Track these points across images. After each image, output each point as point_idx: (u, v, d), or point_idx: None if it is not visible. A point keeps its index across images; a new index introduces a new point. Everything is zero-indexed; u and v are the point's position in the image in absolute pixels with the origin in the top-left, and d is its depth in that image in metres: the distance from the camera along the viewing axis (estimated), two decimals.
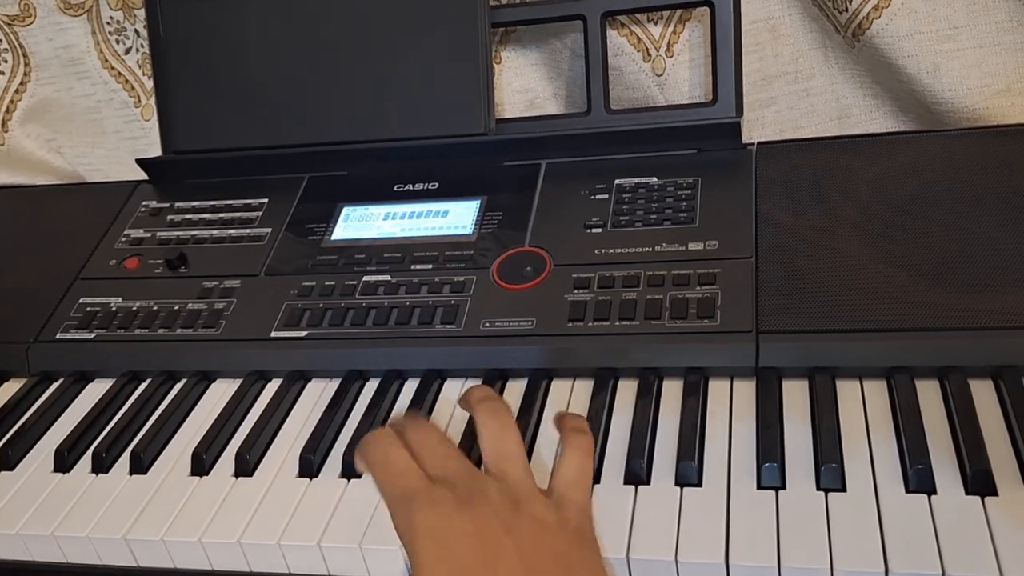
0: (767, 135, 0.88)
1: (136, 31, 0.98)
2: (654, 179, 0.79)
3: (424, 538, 0.50)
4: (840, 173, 0.75)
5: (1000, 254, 0.66)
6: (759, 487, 0.56)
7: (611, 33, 0.86)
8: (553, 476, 0.55)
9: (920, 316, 0.63)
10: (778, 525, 0.53)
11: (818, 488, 0.56)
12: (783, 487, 0.56)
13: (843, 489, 0.55)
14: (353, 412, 0.70)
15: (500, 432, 0.56)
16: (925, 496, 0.54)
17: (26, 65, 1.03)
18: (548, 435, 0.63)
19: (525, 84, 0.92)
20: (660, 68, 0.87)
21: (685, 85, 0.87)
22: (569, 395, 0.67)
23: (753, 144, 0.80)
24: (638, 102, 0.89)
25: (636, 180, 0.79)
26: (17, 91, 1.04)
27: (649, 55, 0.87)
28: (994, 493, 0.53)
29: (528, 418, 0.65)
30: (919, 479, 0.54)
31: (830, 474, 0.55)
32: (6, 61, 1.03)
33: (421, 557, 0.50)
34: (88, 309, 0.82)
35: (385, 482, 0.54)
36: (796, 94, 0.88)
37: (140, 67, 1.00)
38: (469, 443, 0.62)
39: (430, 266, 0.77)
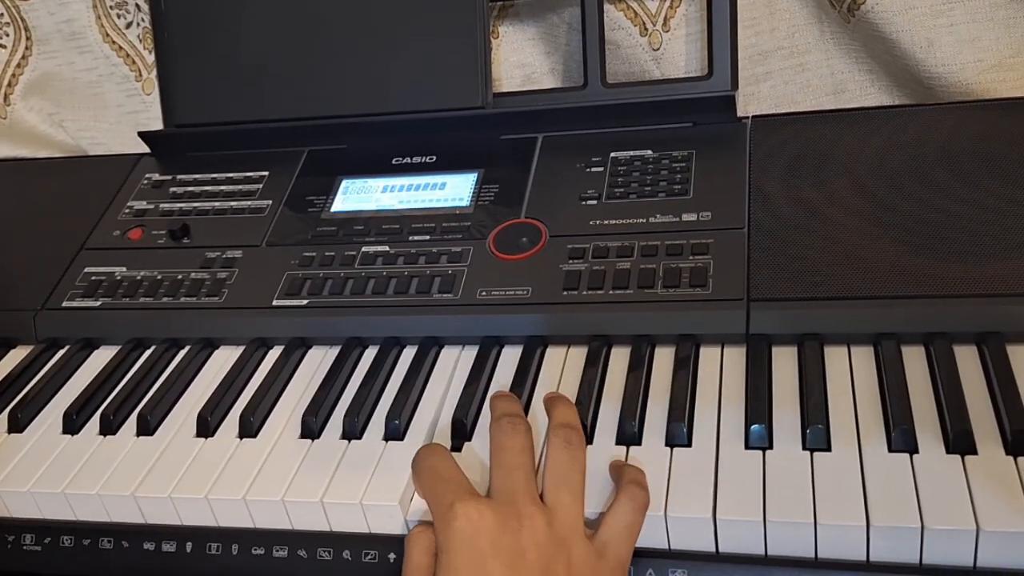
0: (762, 109, 0.89)
1: (137, 5, 0.99)
2: (649, 152, 0.80)
3: (462, 545, 0.51)
4: (833, 146, 0.76)
5: (987, 225, 0.67)
6: (747, 447, 0.58)
7: (608, 7, 0.87)
8: (604, 521, 0.54)
9: (907, 284, 0.65)
10: (764, 483, 0.55)
11: (804, 448, 0.57)
12: (770, 447, 0.58)
13: (828, 449, 0.57)
14: (353, 378, 0.71)
15: (568, 462, 0.56)
16: (907, 455, 0.55)
17: (28, 39, 1.04)
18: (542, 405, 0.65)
19: (522, 58, 0.93)
20: (657, 42, 0.88)
21: (681, 59, 0.88)
22: (563, 362, 0.69)
23: (748, 118, 0.81)
24: (634, 76, 0.90)
25: (631, 153, 0.81)
26: (19, 65, 1.05)
27: (646, 29, 0.88)
28: (974, 452, 0.55)
29: (523, 384, 0.66)
30: (902, 439, 0.56)
31: (816, 435, 0.57)
32: (8, 35, 1.04)
33: (456, 563, 0.50)
34: (93, 278, 0.83)
35: (429, 487, 0.55)
36: (791, 69, 0.89)
37: (141, 41, 1.01)
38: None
39: (428, 237, 0.78)
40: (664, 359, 0.67)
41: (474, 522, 0.51)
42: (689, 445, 0.59)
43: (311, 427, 0.66)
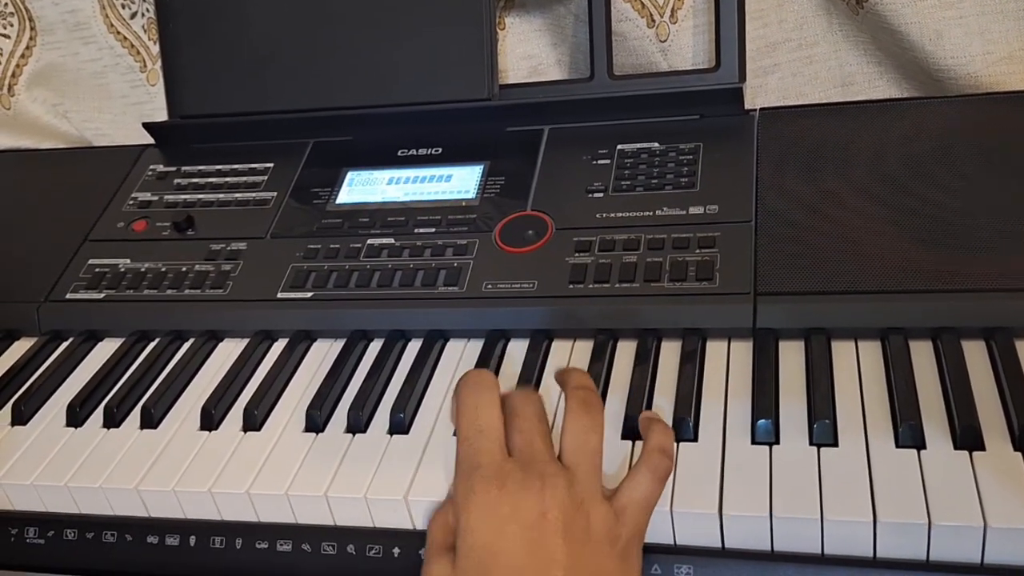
0: (770, 102, 0.89)
1: None
2: (656, 144, 0.80)
3: (481, 509, 0.51)
4: (842, 139, 0.75)
5: (995, 219, 0.67)
6: (753, 442, 0.58)
7: None
8: (622, 487, 0.54)
9: (915, 279, 0.64)
10: (771, 478, 0.55)
11: (811, 443, 0.57)
12: (776, 442, 0.58)
13: (835, 444, 0.57)
14: (357, 371, 0.71)
15: (587, 425, 0.55)
16: (914, 451, 0.55)
17: (32, 29, 1.04)
18: (548, 395, 0.64)
19: (529, 50, 0.92)
20: (664, 34, 0.88)
21: (689, 51, 0.88)
22: (569, 356, 0.69)
23: (755, 110, 0.80)
24: (641, 68, 0.90)
25: (638, 145, 0.80)
26: (23, 55, 1.05)
27: (653, 21, 0.88)
28: (982, 448, 0.55)
29: (528, 378, 0.66)
30: (909, 434, 0.56)
31: (822, 430, 0.57)
32: (12, 25, 1.04)
33: (474, 525, 0.50)
34: (97, 270, 0.83)
35: (464, 432, 0.55)
36: (799, 61, 0.88)
37: (146, 32, 1.01)
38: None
39: (433, 229, 0.78)
40: (670, 353, 0.66)
41: (493, 488, 0.51)
42: (695, 440, 0.59)
43: (315, 421, 0.66)
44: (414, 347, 0.72)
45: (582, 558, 0.50)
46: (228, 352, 0.75)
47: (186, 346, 0.77)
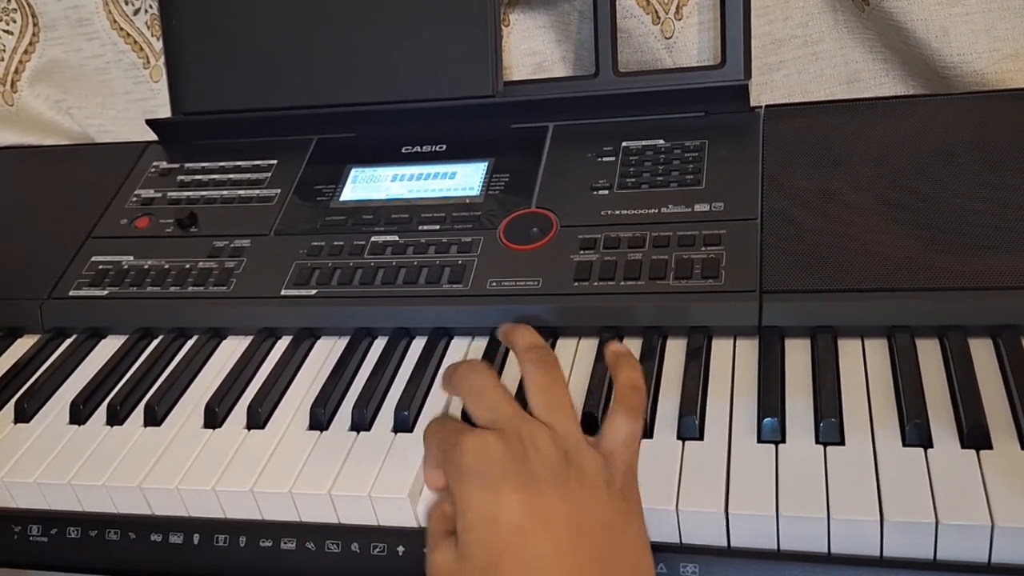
0: (775, 99, 0.88)
1: None
2: (661, 141, 0.79)
3: (473, 482, 0.50)
4: (847, 137, 0.75)
5: (1002, 216, 0.66)
6: (759, 441, 0.58)
7: None
8: (603, 434, 0.53)
9: (922, 276, 0.64)
10: (777, 477, 0.55)
11: (817, 442, 0.57)
12: (783, 441, 0.57)
13: (841, 443, 0.56)
14: (362, 369, 0.71)
15: (549, 381, 0.54)
16: (921, 449, 0.55)
17: (35, 25, 1.04)
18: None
19: (533, 47, 0.92)
20: (669, 31, 0.87)
21: (694, 48, 0.87)
22: (574, 354, 0.68)
23: (761, 107, 0.80)
24: (646, 65, 0.89)
25: (643, 142, 0.80)
26: (26, 51, 1.04)
27: (658, 18, 0.87)
28: (989, 447, 0.54)
29: None
30: (916, 433, 0.55)
31: (829, 428, 0.57)
32: (15, 21, 1.03)
33: (468, 504, 0.49)
34: (100, 267, 0.83)
35: (428, 428, 0.54)
36: (805, 58, 0.88)
37: (149, 28, 1.00)
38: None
39: (438, 227, 0.78)
40: (676, 351, 0.66)
41: (480, 459, 0.50)
42: (701, 438, 0.59)
43: (319, 418, 0.66)
44: (418, 345, 0.72)
45: (581, 507, 0.49)
46: (232, 350, 0.75)
47: (189, 343, 0.77)
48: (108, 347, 0.78)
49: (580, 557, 0.48)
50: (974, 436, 0.55)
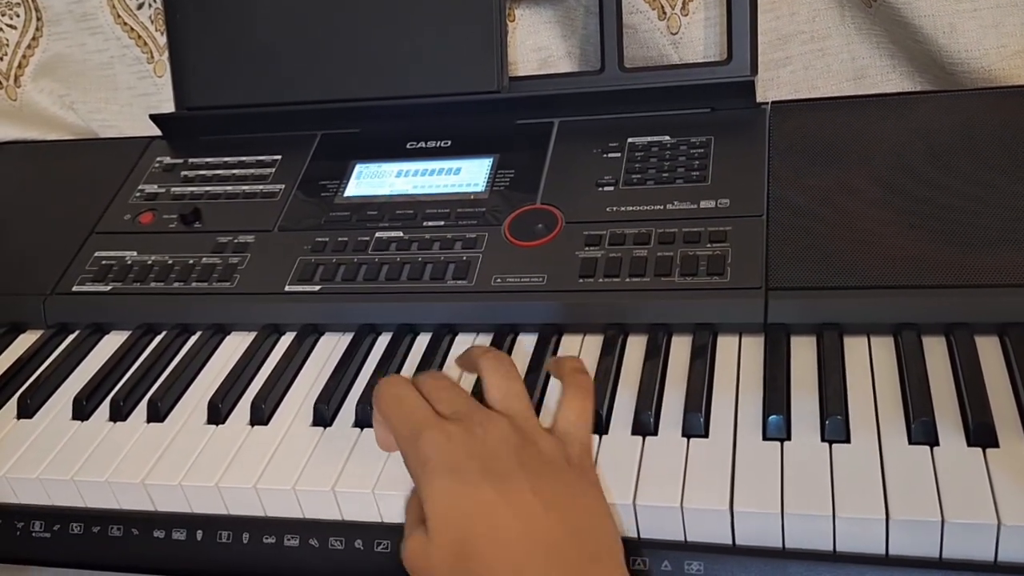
0: (782, 95, 0.88)
1: None
2: (667, 138, 0.79)
3: (436, 471, 0.51)
4: (854, 133, 0.75)
5: (1010, 213, 0.66)
6: (765, 438, 0.57)
7: None
8: (556, 416, 0.57)
9: (928, 274, 0.64)
10: (782, 474, 0.54)
11: (822, 440, 0.56)
12: (788, 438, 0.57)
13: (847, 440, 0.56)
14: (366, 365, 0.71)
15: (504, 374, 0.58)
16: (927, 447, 0.54)
17: (38, 20, 1.03)
18: (557, 389, 0.64)
19: (539, 42, 0.91)
20: (675, 26, 0.87)
21: (700, 44, 0.87)
22: (579, 350, 0.68)
23: (767, 103, 0.80)
24: (652, 61, 0.89)
25: (649, 139, 0.79)
26: (29, 46, 1.04)
27: (664, 13, 0.87)
28: (995, 445, 0.54)
29: (538, 372, 0.66)
30: (922, 431, 0.55)
31: (834, 426, 0.56)
32: (18, 16, 1.03)
33: (433, 489, 0.51)
34: (104, 262, 0.83)
35: (396, 420, 0.55)
36: (812, 54, 0.87)
37: (153, 23, 1.00)
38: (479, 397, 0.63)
39: (442, 223, 0.77)
40: (681, 348, 0.66)
41: (442, 445, 0.52)
42: (706, 436, 0.58)
43: (323, 415, 0.65)
44: (423, 341, 0.72)
45: (544, 482, 0.51)
46: (235, 345, 0.75)
47: (193, 339, 0.77)
48: (111, 343, 0.78)
49: (547, 530, 0.50)
50: (980, 434, 0.54)
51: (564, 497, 0.51)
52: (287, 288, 0.76)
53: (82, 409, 0.70)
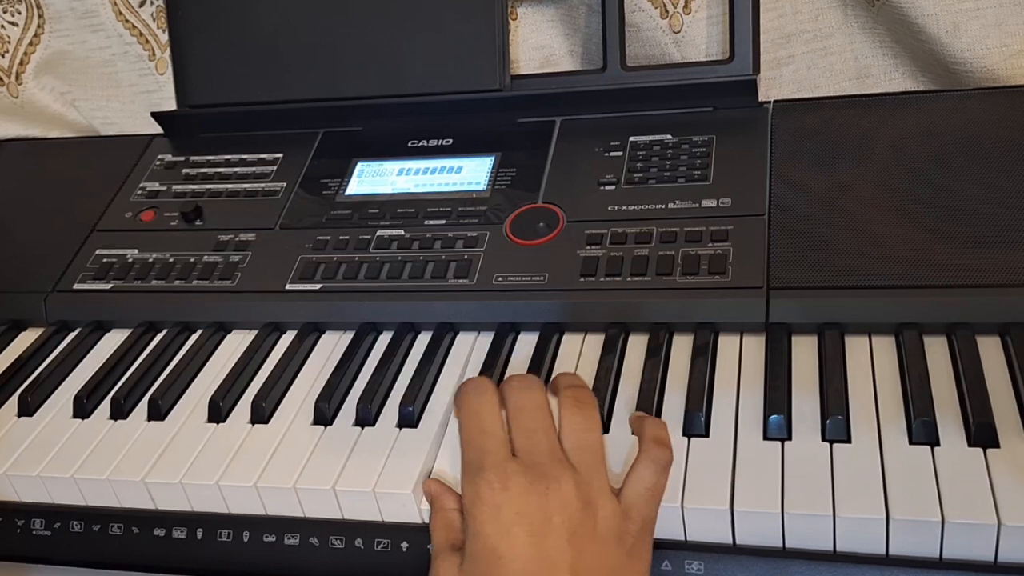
0: (784, 94, 0.88)
1: None
2: (669, 136, 0.79)
3: (487, 513, 0.50)
4: (856, 132, 0.75)
5: (1012, 213, 0.66)
6: (765, 438, 0.57)
7: None
8: (626, 483, 0.54)
9: (930, 273, 0.64)
10: (783, 474, 0.54)
11: (823, 439, 0.56)
12: (789, 438, 0.57)
13: (848, 440, 0.56)
14: (366, 363, 0.71)
15: (583, 422, 0.55)
16: (928, 447, 0.54)
17: (40, 17, 1.03)
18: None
19: (541, 40, 0.91)
20: (677, 25, 0.87)
21: (702, 42, 0.87)
22: (580, 349, 0.68)
23: (769, 102, 0.80)
24: (654, 59, 0.89)
25: (651, 137, 0.79)
26: (31, 43, 1.04)
27: (666, 12, 0.87)
28: (996, 445, 0.54)
29: (539, 371, 0.65)
30: (923, 431, 0.55)
31: (835, 426, 0.56)
32: (20, 12, 1.03)
33: (480, 529, 0.50)
34: (105, 260, 0.83)
35: (467, 438, 0.54)
36: (814, 53, 0.87)
37: (155, 20, 1.00)
38: None
39: (444, 221, 0.77)
40: (682, 347, 0.66)
41: (498, 492, 0.51)
42: (707, 435, 0.58)
43: (324, 413, 0.65)
44: (424, 340, 0.72)
45: (589, 559, 0.50)
46: (236, 344, 0.75)
47: (194, 337, 0.77)
48: (112, 341, 0.78)
49: None
50: (981, 434, 0.54)
51: None
52: (288, 286, 0.76)
53: (83, 407, 0.70)
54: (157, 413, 0.69)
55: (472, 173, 0.81)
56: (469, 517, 0.51)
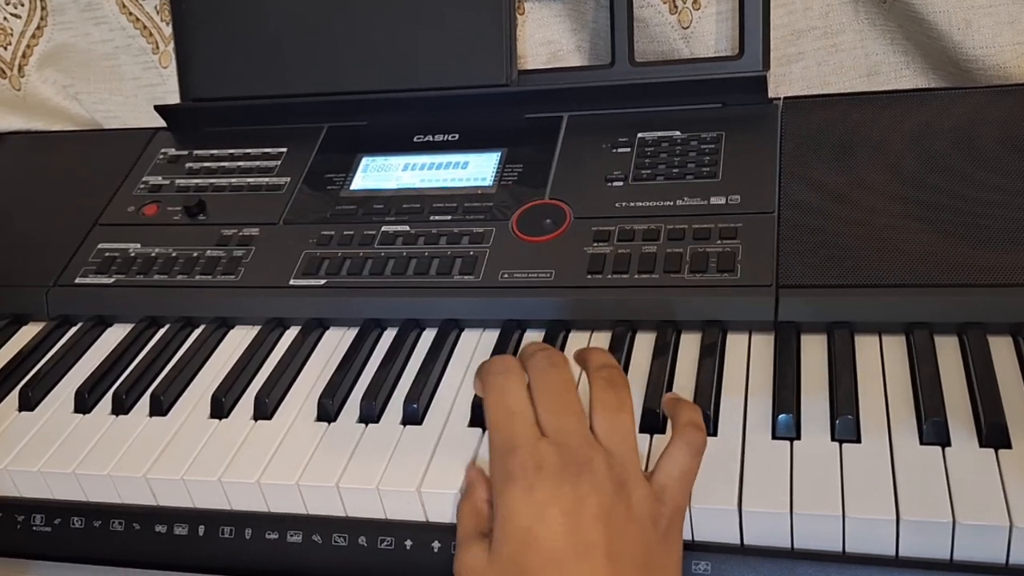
0: (794, 91, 0.87)
1: None
2: (677, 133, 0.78)
3: (519, 493, 0.49)
4: (867, 130, 0.74)
5: (1022, 212, 0.65)
6: (774, 437, 0.57)
7: None
8: (659, 466, 0.52)
9: (941, 272, 0.63)
10: (792, 474, 0.54)
11: (833, 439, 0.56)
12: (798, 438, 0.56)
13: (858, 440, 0.55)
14: (371, 360, 0.70)
15: (616, 404, 0.53)
16: (939, 448, 0.54)
17: (43, 9, 1.03)
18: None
19: (548, 35, 0.91)
20: (686, 20, 0.86)
21: (711, 38, 0.86)
22: (587, 347, 0.67)
23: (779, 99, 0.79)
24: (663, 55, 0.88)
25: (659, 134, 0.79)
26: (34, 36, 1.04)
27: (675, 7, 0.86)
28: (1008, 446, 0.53)
29: None
30: (934, 431, 0.54)
31: (845, 425, 0.56)
32: (23, 5, 1.03)
33: (513, 510, 0.49)
34: (107, 255, 0.82)
35: (493, 418, 0.53)
36: (825, 49, 0.86)
37: (158, 13, 1.00)
38: None
39: (449, 217, 0.77)
40: (690, 346, 0.65)
41: (532, 472, 0.49)
42: (715, 434, 0.58)
43: (327, 410, 0.65)
44: (428, 336, 0.71)
45: (623, 541, 0.49)
46: (239, 339, 0.75)
47: (197, 333, 0.76)
48: (114, 335, 0.78)
49: None
50: (993, 435, 0.54)
51: (639, 561, 0.49)
52: (292, 282, 0.75)
53: (84, 402, 0.70)
54: (159, 409, 0.68)
55: (478, 169, 0.80)
56: (499, 497, 0.50)
